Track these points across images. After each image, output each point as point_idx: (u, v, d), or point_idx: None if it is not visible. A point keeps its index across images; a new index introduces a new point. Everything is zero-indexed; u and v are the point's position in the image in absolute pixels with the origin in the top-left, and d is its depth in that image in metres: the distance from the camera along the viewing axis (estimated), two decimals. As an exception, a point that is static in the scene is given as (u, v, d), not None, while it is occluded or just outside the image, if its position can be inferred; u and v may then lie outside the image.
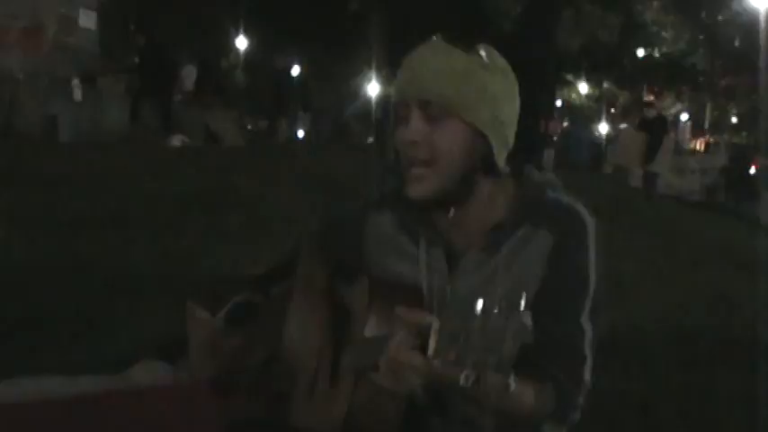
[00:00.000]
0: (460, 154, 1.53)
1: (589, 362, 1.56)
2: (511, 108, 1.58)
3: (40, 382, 2.00)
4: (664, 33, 28.25)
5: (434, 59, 1.53)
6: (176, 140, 12.53)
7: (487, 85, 1.53)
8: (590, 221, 1.60)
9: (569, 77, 29.36)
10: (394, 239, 1.71)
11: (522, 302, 1.12)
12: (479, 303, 1.13)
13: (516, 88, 1.60)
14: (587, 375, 1.56)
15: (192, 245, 4.98)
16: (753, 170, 22.84)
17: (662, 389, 3.43)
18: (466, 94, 1.51)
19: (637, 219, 9.17)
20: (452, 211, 1.61)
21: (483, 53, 1.55)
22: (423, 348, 1.26)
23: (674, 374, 3.60)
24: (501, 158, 1.57)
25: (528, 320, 1.12)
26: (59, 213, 5.45)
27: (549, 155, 17.63)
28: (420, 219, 1.65)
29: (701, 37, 28.98)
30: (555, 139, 23.85)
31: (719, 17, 28.44)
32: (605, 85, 32.11)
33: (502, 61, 1.58)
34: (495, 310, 1.12)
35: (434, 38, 1.58)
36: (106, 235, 5.00)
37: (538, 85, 5.38)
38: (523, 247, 1.58)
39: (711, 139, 35.23)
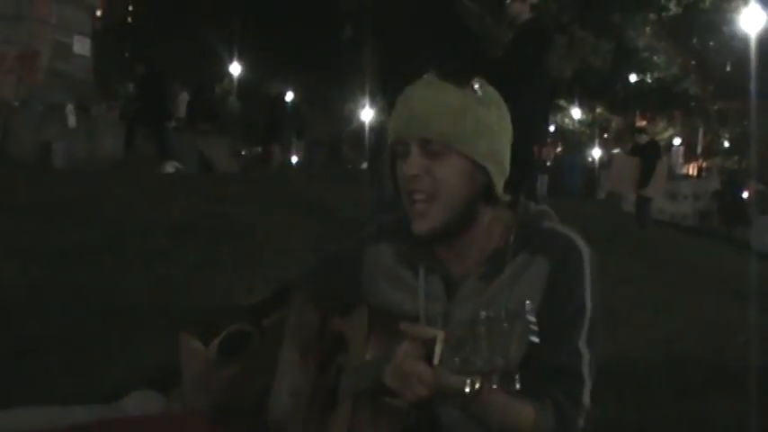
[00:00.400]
0: (461, 185, 1.57)
1: (588, 385, 1.57)
2: (506, 137, 1.63)
3: (34, 412, 2.00)
4: (656, 59, 28.47)
5: (431, 98, 1.57)
6: (170, 167, 12.52)
7: (483, 118, 1.57)
8: (585, 249, 1.63)
9: (562, 103, 29.53)
10: (393, 270, 1.74)
11: (527, 308, 1.14)
12: (483, 313, 1.15)
13: (508, 117, 1.65)
14: (587, 398, 1.57)
15: (186, 273, 4.96)
16: (745, 195, 22.88)
17: (656, 417, 3.42)
18: (464, 129, 1.55)
19: (630, 244, 9.18)
20: (454, 240, 1.64)
21: (476, 87, 1.58)
22: (428, 359, 1.28)
23: (669, 402, 3.59)
24: (500, 186, 1.62)
25: (533, 320, 1.13)
26: (53, 240, 5.44)
27: (542, 180, 17.67)
28: (420, 248, 1.68)
29: (693, 62, 29.23)
30: (548, 164, 23.91)
31: (711, 43, 28.71)
32: (598, 110, 32.29)
33: (494, 93, 1.63)
34: (502, 315, 1.13)
35: (426, 75, 1.61)
36: (99, 262, 4.98)
37: (532, 112, 5.39)
38: (520, 274, 1.61)
39: (704, 164, 35.38)
